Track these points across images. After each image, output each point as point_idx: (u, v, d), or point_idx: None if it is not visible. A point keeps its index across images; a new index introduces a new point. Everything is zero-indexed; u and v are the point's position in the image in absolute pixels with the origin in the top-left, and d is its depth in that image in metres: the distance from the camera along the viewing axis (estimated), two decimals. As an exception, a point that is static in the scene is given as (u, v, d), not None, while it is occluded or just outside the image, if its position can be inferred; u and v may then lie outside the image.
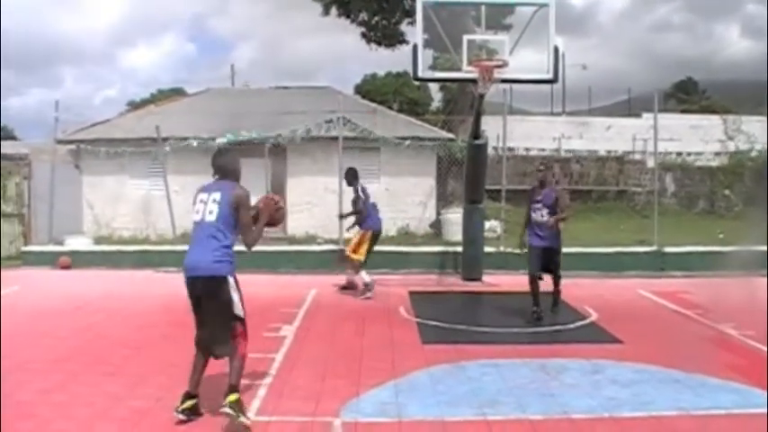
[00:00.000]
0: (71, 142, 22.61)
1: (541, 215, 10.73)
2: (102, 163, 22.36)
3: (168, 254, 16.35)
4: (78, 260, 16.77)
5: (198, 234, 6.56)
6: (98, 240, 20.01)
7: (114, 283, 14.61)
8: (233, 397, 6.16)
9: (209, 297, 6.42)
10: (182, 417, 6.29)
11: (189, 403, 6.39)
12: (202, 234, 6.49)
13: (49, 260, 16.76)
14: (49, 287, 14.20)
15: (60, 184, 19.17)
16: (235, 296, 6.41)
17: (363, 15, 31.28)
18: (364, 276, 12.93)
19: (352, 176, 13.30)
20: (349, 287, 13.36)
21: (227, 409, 6.07)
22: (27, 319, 10.77)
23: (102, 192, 22.55)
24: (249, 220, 6.58)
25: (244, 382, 7.02)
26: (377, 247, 13.35)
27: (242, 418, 6.11)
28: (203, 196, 6.64)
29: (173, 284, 9.59)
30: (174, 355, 8.57)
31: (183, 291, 6.57)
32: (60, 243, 18.11)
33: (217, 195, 6.53)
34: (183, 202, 19.86)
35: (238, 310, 6.44)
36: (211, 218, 6.47)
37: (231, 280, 6.43)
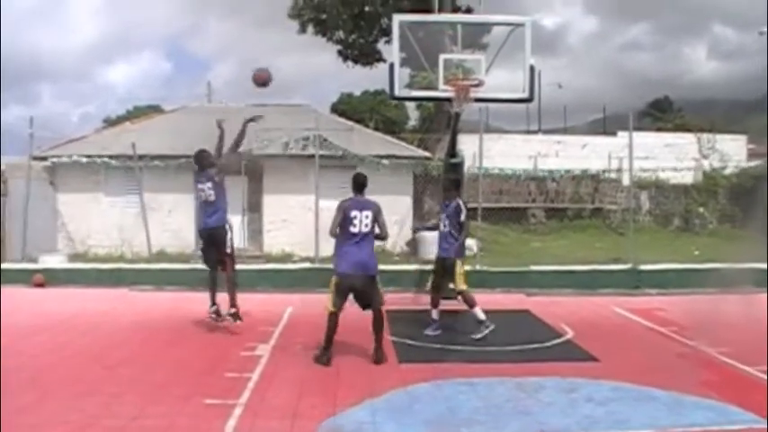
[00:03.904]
0: (46, 159, 22.49)
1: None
2: (77, 180, 22.25)
3: (143, 272, 16.29)
4: (53, 278, 16.59)
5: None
6: (73, 258, 19.87)
7: (89, 301, 14.47)
8: None
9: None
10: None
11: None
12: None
13: (24, 278, 16.54)
14: (23, 305, 14.05)
15: (35, 201, 19.05)
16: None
17: (340, 34, 31.46)
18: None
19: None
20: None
21: None
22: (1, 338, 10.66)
23: (77, 209, 22.37)
24: None
25: (217, 401, 7.18)
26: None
27: None
28: None
29: (147, 303, 9.59)
30: (148, 373, 8.55)
31: (158, 309, 6.64)
32: (34, 261, 17.96)
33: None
34: (158, 220, 19.85)
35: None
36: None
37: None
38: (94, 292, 15.53)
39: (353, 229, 9.37)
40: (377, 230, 9.63)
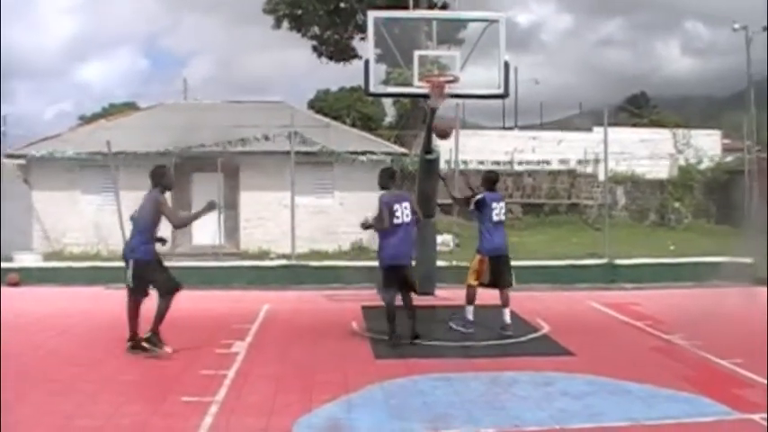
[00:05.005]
0: (20, 156, 22.33)
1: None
2: (52, 178, 22.11)
3: (119, 270, 16.06)
4: (28, 277, 16.43)
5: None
6: (48, 257, 19.72)
7: (64, 300, 14.38)
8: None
9: None
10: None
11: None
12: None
13: (-2, 277, 16.41)
14: (-2, 305, 13.95)
15: (9, 199, 18.90)
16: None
17: (315, 29, 31.45)
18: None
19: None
20: None
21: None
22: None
23: (53, 207, 22.22)
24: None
25: (193, 399, 7.23)
26: (330, 262, 13.23)
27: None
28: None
29: (123, 301, 9.51)
30: (124, 372, 8.51)
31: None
32: (9, 259, 17.81)
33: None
34: (134, 218, 19.73)
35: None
36: None
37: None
38: (70, 291, 15.44)
39: (397, 221, 9.97)
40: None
